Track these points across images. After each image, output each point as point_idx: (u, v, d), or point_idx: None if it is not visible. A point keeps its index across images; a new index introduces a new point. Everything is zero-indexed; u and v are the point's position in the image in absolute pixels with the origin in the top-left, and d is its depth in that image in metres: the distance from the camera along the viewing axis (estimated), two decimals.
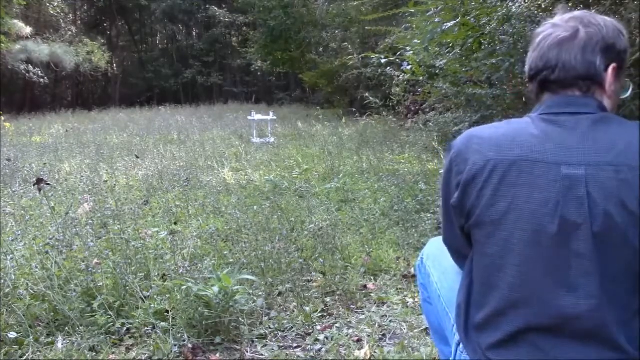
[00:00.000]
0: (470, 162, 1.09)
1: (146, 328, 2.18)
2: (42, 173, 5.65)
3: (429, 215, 3.74)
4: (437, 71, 6.00)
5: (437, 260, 1.45)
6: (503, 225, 1.05)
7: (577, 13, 1.13)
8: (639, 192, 0.98)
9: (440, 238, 1.50)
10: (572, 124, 1.06)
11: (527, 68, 1.18)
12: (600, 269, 1.00)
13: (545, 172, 1.03)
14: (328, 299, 2.58)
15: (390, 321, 2.37)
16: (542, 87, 1.14)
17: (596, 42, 1.08)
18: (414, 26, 6.18)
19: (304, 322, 2.35)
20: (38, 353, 2.03)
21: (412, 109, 11.00)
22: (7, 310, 2.20)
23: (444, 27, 5.16)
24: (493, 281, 1.09)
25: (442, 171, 1.22)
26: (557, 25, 1.13)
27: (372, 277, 2.87)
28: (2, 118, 12.05)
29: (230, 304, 2.19)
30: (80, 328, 2.13)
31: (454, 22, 5.05)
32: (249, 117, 10.20)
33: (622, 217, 0.98)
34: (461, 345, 1.20)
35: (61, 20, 25.93)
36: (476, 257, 1.14)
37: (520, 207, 1.03)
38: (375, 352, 2.08)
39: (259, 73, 26.74)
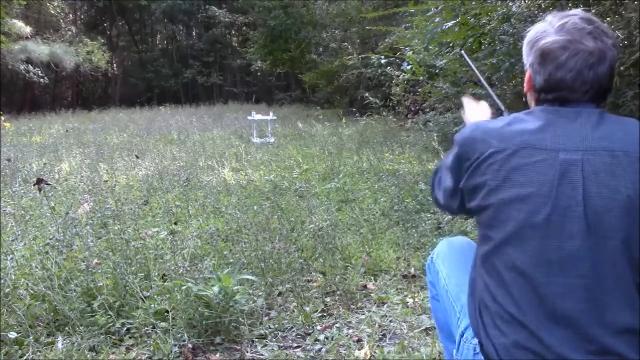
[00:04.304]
0: (478, 151, 1.14)
1: (146, 328, 2.18)
2: (42, 173, 5.65)
3: (429, 215, 3.74)
4: (437, 71, 6.00)
5: (446, 259, 1.49)
6: (505, 210, 1.09)
7: (588, 27, 1.10)
8: (636, 177, 1.03)
9: (451, 239, 1.59)
10: (572, 115, 1.11)
11: (550, 82, 1.13)
12: (593, 250, 1.04)
13: (544, 158, 1.08)
14: (328, 299, 2.58)
15: (390, 321, 2.37)
16: (562, 100, 1.14)
17: (616, 60, 1.13)
18: (414, 25, 6.18)
19: (304, 322, 2.35)
20: (38, 353, 2.03)
21: (412, 109, 11.01)
22: (7, 310, 2.20)
23: (444, 27, 5.16)
24: (496, 265, 1.12)
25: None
26: (580, 42, 1.09)
27: (372, 277, 2.87)
28: (2, 118, 12.05)
29: (230, 304, 2.19)
30: (80, 328, 2.13)
31: (454, 21, 5.05)
32: (249, 117, 10.20)
33: (615, 200, 1.03)
34: (465, 337, 1.24)
35: (61, 20, 25.89)
36: (480, 242, 1.18)
37: (520, 192, 1.08)
38: (375, 352, 2.08)
39: (259, 73, 26.73)
